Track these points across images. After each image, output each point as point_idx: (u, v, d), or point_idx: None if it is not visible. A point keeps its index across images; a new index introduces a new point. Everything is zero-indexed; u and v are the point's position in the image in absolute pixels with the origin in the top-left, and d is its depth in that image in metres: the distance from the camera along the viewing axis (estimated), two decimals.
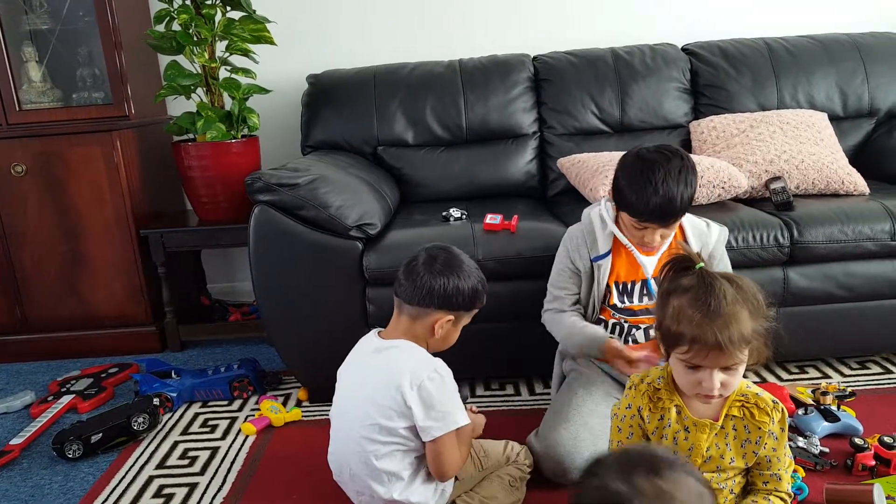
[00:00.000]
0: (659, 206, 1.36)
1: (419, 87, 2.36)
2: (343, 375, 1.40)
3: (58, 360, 2.34)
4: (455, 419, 1.26)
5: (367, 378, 1.31)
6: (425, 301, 1.29)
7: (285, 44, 2.38)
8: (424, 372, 1.25)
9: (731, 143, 2.17)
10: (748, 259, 1.77)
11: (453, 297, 1.29)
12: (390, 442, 1.27)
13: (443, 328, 1.32)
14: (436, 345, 1.35)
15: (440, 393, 1.25)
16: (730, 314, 1.00)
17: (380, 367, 1.30)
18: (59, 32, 2.36)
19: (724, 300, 1.01)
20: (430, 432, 1.24)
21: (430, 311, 1.30)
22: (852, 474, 1.44)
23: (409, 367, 1.26)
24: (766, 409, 1.12)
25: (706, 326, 1.00)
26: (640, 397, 1.16)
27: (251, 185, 1.74)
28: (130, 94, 2.26)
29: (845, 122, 2.35)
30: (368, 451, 1.27)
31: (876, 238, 1.78)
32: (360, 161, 2.26)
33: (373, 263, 1.76)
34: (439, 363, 1.29)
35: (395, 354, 1.30)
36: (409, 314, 1.32)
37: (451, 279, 1.29)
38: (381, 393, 1.26)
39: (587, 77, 2.36)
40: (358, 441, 1.29)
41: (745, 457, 1.13)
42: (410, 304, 1.30)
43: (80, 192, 2.22)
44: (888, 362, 1.97)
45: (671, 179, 1.35)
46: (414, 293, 1.29)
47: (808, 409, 1.64)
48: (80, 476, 1.63)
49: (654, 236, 1.44)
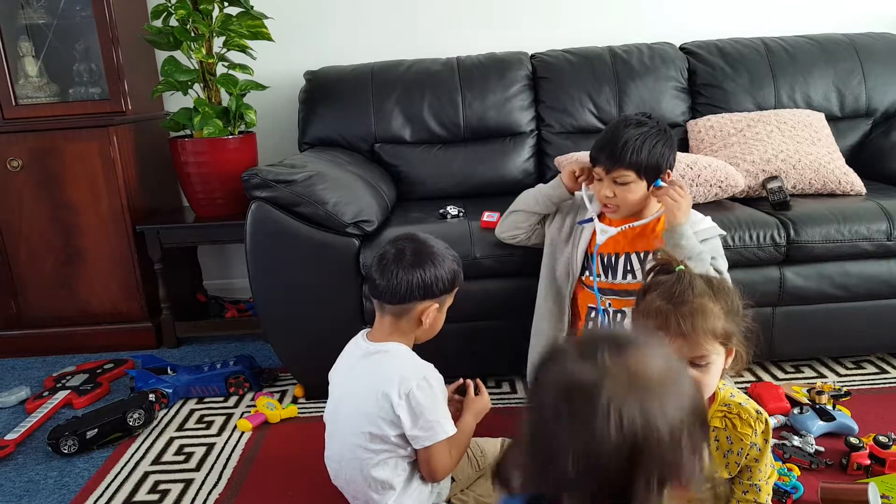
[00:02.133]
0: (608, 143, 1.43)
1: (417, 85, 2.35)
2: (334, 379, 1.38)
3: (53, 355, 2.33)
4: (444, 429, 1.24)
5: (356, 385, 1.29)
6: (406, 297, 1.27)
7: (283, 40, 2.38)
8: (413, 381, 1.23)
9: (729, 143, 2.17)
10: (745, 258, 1.77)
11: (433, 286, 1.28)
12: (382, 450, 1.26)
13: (429, 317, 1.30)
14: (424, 334, 1.34)
15: (428, 402, 1.23)
16: (697, 305, 1.02)
17: (368, 373, 1.28)
18: (56, 27, 2.35)
19: (692, 291, 1.03)
20: (419, 441, 1.24)
21: (413, 304, 1.28)
22: (847, 473, 1.45)
23: (397, 375, 1.24)
24: (748, 421, 1.11)
25: (670, 314, 1.02)
26: None
27: (248, 181, 1.74)
28: (127, 89, 2.26)
29: (842, 122, 2.36)
30: (363, 459, 1.26)
31: (872, 238, 1.79)
32: (358, 158, 2.26)
33: (369, 260, 1.74)
34: (429, 370, 1.27)
35: (384, 360, 1.28)
36: (391, 313, 1.30)
37: (427, 268, 1.27)
38: (370, 401, 1.24)
39: (585, 75, 2.36)
40: (351, 448, 1.28)
41: (727, 466, 1.13)
42: (392, 304, 1.28)
43: (76, 188, 2.22)
44: (883, 362, 1.98)
45: (631, 128, 1.42)
46: (393, 293, 1.26)
47: (803, 409, 1.64)
48: (75, 472, 1.63)
49: (603, 188, 1.47)
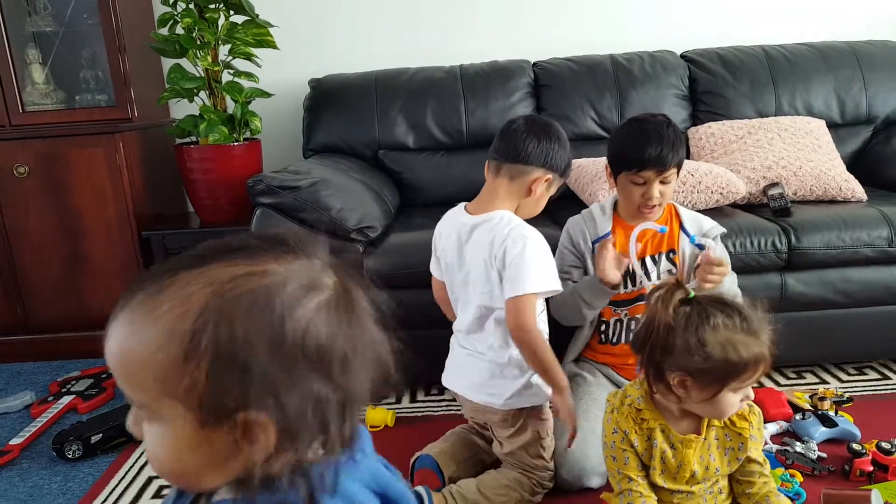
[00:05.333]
0: (656, 144, 1.44)
1: (420, 92, 2.37)
2: (445, 253, 1.44)
3: (58, 360, 2.34)
4: (523, 286, 1.27)
5: (466, 260, 1.37)
6: (527, 158, 1.33)
7: (288, 48, 2.40)
8: (510, 238, 1.28)
9: (730, 150, 2.19)
10: (746, 265, 1.78)
11: (552, 157, 1.33)
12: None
13: (538, 188, 1.35)
14: (528, 208, 1.39)
15: (518, 256, 1.27)
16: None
17: (475, 247, 1.34)
18: (63, 35, 2.38)
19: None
20: (505, 292, 1.29)
21: (530, 168, 1.33)
22: (850, 480, 1.45)
23: (499, 237, 1.30)
24: (743, 415, 1.12)
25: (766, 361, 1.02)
26: (625, 420, 1.13)
27: (253, 187, 1.75)
28: (133, 96, 2.28)
29: (843, 129, 2.37)
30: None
31: (873, 244, 1.79)
32: (361, 165, 2.27)
33: (373, 266, 1.76)
34: (530, 232, 1.31)
35: (486, 230, 1.33)
36: (507, 174, 1.35)
37: (553, 140, 1.34)
38: (481, 274, 1.33)
39: (587, 83, 2.37)
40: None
41: (729, 464, 1.14)
42: (511, 163, 1.34)
43: (82, 194, 2.23)
44: (886, 368, 1.98)
45: (661, 128, 1.45)
46: (517, 151, 1.33)
47: (805, 415, 1.64)
48: (79, 476, 1.64)
49: (653, 189, 1.47)
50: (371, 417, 1.76)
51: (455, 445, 1.49)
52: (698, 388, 1.03)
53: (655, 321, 1.04)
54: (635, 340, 1.09)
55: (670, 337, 1.02)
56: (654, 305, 1.05)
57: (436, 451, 1.45)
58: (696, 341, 1.00)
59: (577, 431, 1.33)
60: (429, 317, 1.53)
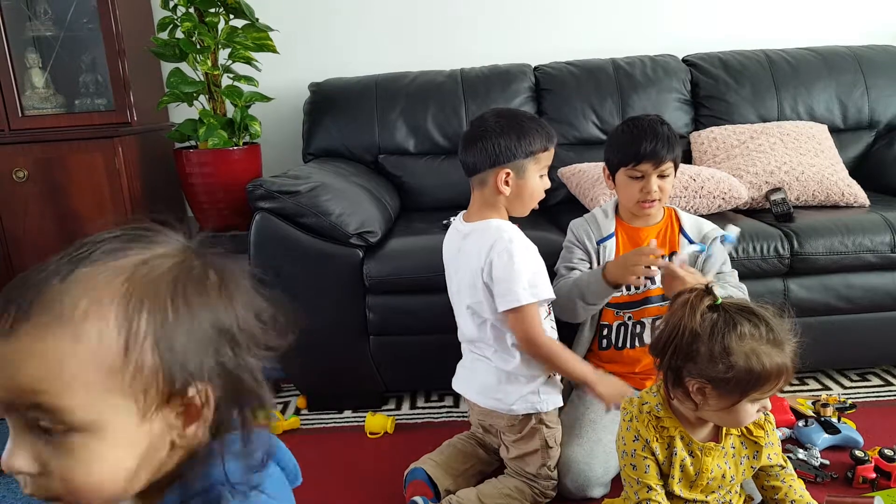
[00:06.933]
0: (651, 138, 1.46)
1: (420, 96, 2.37)
2: (447, 263, 1.48)
3: None
4: (517, 297, 1.27)
5: (459, 265, 1.40)
6: (476, 167, 1.36)
7: (287, 52, 2.40)
8: (495, 250, 1.29)
9: (732, 155, 2.18)
10: (748, 270, 1.77)
11: (497, 152, 1.33)
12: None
13: (507, 184, 1.34)
14: (515, 203, 1.38)
15: (504, 270, 1.28)
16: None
17: (465, 253, 1.37)
18: (63, 39, 2.37)
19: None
20: (499, 305, 1.31)
21: (485, 173, 1.36)
22: (853, 486, 1.44)
23: (484, 249, 1.31)
24: (759, 423, 1.12)
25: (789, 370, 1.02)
26: (646, 429, 1.11)
27: (252, 192, 1.75)
28: (133, 100, 2.27)
29: (845, 133, 2.36)
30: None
31: (876, 250, 1.78)
32: (361, 169, 2.27)
33: (373, 271, 1.75)
34: (517, 244, 1.31)
35: (474, 239, 1.36)
36: (477, 183, 1.39)
37: (490, 137, 1.33)
38: (467, 279, 1.35)
39: (588, 87, 2.37)
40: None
41: (743, 473, 1.14)
42: (471, 176, 1.39)
43: (81, 198, 2.22)
44: (888, 374, 1.97)
45: (656, 125, 1.48)
46: (466, 165, 1.38)
47: (808, 421, 1.63)
48: None
49: (651, 183, 1.48)
50: (371, 424, 1.75)
51: (450, 458, 1.47)
52: (717, 396, 1.02)
53: (681, 326, 1.02)
54: (655, 343, 1.08)
55: (695, 343, 1.00)
56: (682, 310, 1.03)
57: (429, 466, 1.43)
58: (721, 350, 0.98)
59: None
60: (428, 322, 1.52)
